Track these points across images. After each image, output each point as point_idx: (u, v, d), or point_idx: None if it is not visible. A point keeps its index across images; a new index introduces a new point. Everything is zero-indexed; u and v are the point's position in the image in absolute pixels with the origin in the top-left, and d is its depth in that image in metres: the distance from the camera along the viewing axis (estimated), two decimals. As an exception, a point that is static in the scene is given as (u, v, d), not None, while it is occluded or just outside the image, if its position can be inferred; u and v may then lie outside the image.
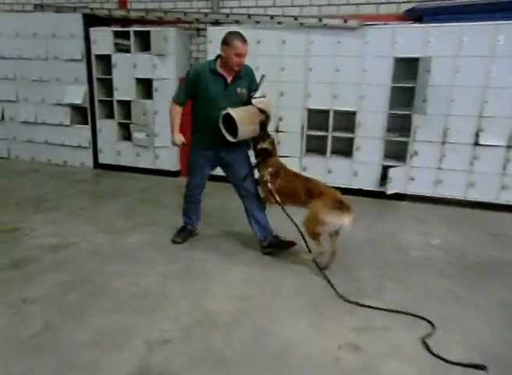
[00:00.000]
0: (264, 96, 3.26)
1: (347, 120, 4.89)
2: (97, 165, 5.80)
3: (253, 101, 3.08)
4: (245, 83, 3.09)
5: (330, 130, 4.85)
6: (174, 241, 3.45)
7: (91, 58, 5.41)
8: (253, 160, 3.33)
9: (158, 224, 3.85)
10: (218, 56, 3.05)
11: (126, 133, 5.60)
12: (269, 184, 3.12)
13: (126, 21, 5.53)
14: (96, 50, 5.38)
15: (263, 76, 3.16)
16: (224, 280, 2.94)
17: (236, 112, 2.95)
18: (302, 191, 3.05)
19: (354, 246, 3.49)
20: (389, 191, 4.66)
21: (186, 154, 5.14)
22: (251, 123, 3.03)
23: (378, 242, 3.61)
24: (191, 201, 3.43)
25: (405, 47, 4.39)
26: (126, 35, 5.22)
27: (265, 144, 3.18)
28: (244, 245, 3.46)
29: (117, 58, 5.32)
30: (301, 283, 2.91)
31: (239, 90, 3.07)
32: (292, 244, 3.26)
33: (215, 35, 4.91)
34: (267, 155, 3.20)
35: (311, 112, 4.96)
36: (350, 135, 4.82)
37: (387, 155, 4.80)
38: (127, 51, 5.27)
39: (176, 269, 3.06)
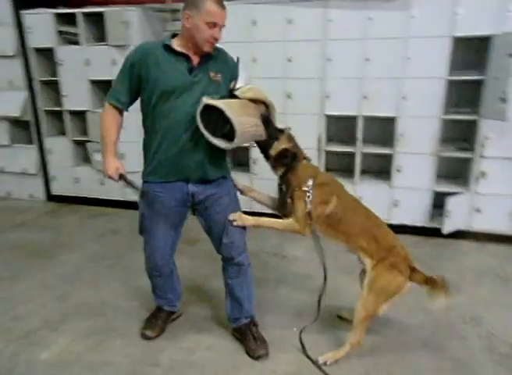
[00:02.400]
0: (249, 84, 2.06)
1: (383, 130, 3.54)
2: (50, 197, 4.40)
3: (238, 92, 1.95)
4: (220, 67, 1.96)
5: (359, 144, 3.48)
6: (144, 336, 2.19)
7: (28, 53, 4.00)
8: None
9: (108, 306, 2.49)
10: (174, 35, 1.95)
11: (85, 155, 4.20)
12: (308, 201, 1.91)
13: (74, 1, 4.08)
14: (34, 42, 3.94)
15: (237, 58, 2.04)
16: None
17: (219, 101, 1.82)
18: (364, 234, 1.94)
19: (416, 344, 2.15)
20: (447, 230, 3.31)
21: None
22: (248, 115, 1.88)
23: (456, 333, 2.25)
24: (159, 276, 2.16)
25: (470, 21, 2.99)
26: (72, 20, 3.81)
27: (283, 144, 2.00)
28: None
29: (63, 53, 3.90)
30: None
31: (212, 74, 1.91)
32: (260, 355, 2.06)
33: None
34: (292, 160, 1.98)
35: (332, 120, 3.57)
36: (387, 151, 3.44)
37: (441, 177, 3.45)
38: (76, 42, 3.87)
39: None
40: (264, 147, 2.03)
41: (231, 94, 1.96)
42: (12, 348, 2.15)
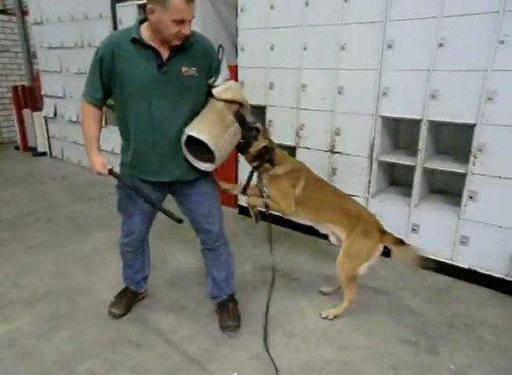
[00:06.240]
0: (229, 79, 1.95)
1: (456, 141, 2.68)
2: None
3: (214, 91, 1.86)
4: (195, 59, 1.82)
5: (421, 156, 2.67)
6: (110, 313, 2.33)
7: (118, 44, 4.33)
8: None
9: (87, 295, 2.51)
10: (144, 20, 1.79)
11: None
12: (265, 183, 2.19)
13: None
14: (122, 33, 4.26)
15: (220, 47, 1.88)
16: None
17: (199, 129, 1.79)
18: (333, 208, 2.21)
19: None
20: (532, 291, 2.31)
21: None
22: (226, 127, 1.85)
23: None
24: (131, 253, 2.27)
25: None
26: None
27: (262, 142, 2.15)
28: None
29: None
30: None
31: (183, 70, 1.79)
32: (228, 326, 2.16)
33: (249, -1, 3.25)
34: (271, 155, 2.17)
35: (388, 123, 2.85)
36: (458, 169, 2.55)
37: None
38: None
39: None
40: (243, 147, 2.12)
41: (209, 90, 1.87)
42: None
